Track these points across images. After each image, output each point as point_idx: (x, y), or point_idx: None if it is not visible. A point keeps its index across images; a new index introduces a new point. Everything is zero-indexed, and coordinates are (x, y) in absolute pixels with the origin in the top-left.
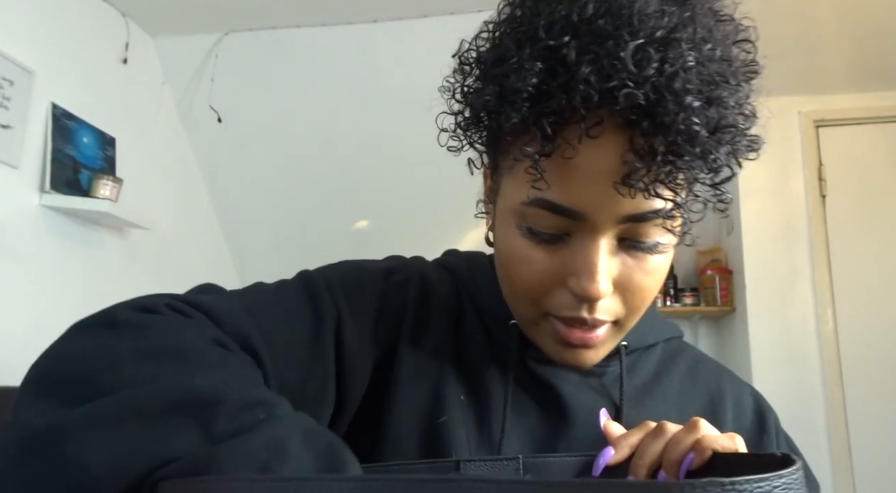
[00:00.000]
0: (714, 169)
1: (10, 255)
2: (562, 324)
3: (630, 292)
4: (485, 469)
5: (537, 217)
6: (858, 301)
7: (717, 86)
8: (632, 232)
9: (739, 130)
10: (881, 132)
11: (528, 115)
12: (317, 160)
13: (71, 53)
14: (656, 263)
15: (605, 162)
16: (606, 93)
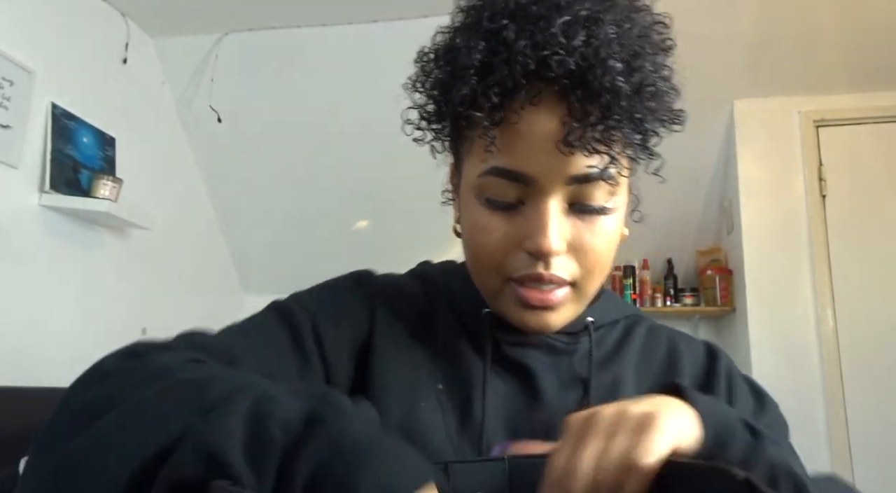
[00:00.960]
0: (641, 130)
1: (10, 255)
2: (522, 287)
3: (583, 252)
4: (472, 470)
5: (493, 186)
6: (858, 301)
7: (637, 55)
8: (579, 195)
9: (660, 91)
10: (881, 132)
11: (476, 87)
12: (317, 160)
13: (71, 53)
14: (605, 225)
15: (547, 127)
16: (542, 62)
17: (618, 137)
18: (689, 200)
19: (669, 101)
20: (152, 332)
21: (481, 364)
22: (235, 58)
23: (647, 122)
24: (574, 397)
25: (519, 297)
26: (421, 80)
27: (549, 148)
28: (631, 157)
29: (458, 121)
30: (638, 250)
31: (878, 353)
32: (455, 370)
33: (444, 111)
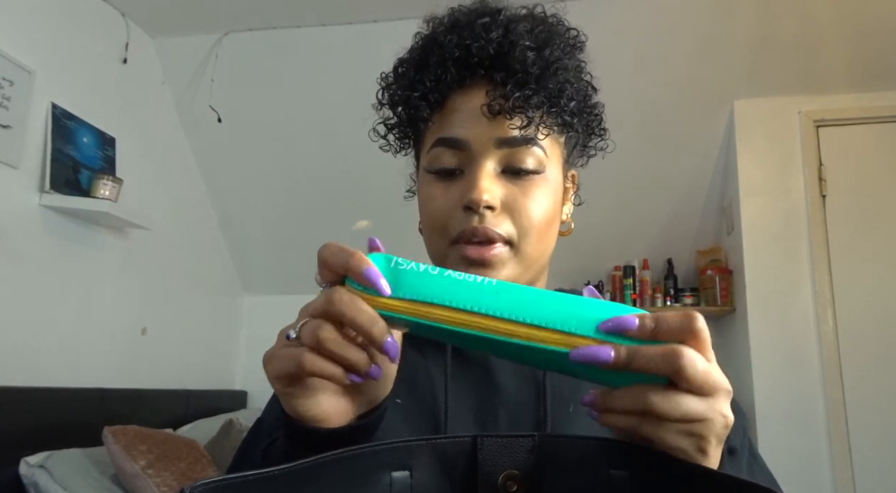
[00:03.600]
0: (555, 102)
1: (10, 255)
2: (462, 245)
3: (516, 211)
4: (501, 445)
5: (437, 157)
6: (858, 301)
7: (546, 43)
8: (510, 159)
9: (567, 70)
10: (881, 132)
11: (414, 78)
12: (317, 160)
13: (71, 53)
14: (536, 189)
15: (475, 101)
16: (466, 50)
17: (534, 104)
18: (689, 200)
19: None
20: (152, 332)
21: (438, 370)
22: (235, 58)
23: (560, 96)
24: (530, 393)
25: (460, 256)
26: (382, 96)
27: (477, 116)
28: (551, 127)
29: (413, 124)
30: (638, 250)
31: (878, 353)
32: (415, 380)
33: (402, 119)
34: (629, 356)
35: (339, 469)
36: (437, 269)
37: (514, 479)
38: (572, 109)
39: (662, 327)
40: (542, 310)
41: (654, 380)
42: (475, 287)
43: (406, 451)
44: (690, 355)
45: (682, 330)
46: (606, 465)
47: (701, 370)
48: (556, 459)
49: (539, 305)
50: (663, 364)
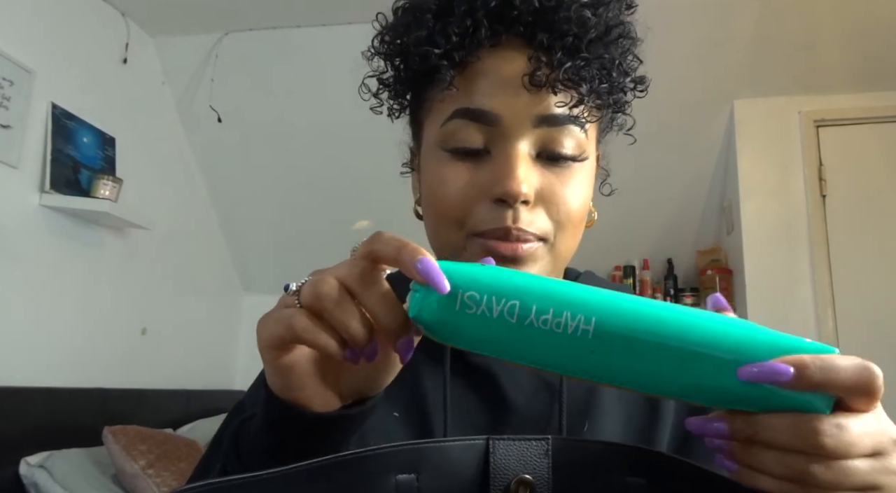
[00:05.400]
0: (609, 75)
1: (10, 255)
2: (489, 240)
3: (553, 204)
4: (514, 448)
5: (457, 132)
6: (858, 301)
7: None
8: (548, 141)
9: (627, 34)
10: (881, 132)
11: (433, 28)
12: (317, 160)
13: (71, 53)
14: (576, 177)
15: (512, 66)
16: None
17: (585, 78)
18: (689, 200)
19: (634, 61)
20: (152, 332)
21: (441, 379)
22: (235, 58)
23: (615, 68)
24: (544, 404)
25: (486, 249)
26: (378, 44)
27: (515, 86)
28: (600, 106)
29: (417, 83)
30: (638, 250)
31: (879, 353)
32: (412, 391)
33: (402, 76)
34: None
35: (340, 473)
36: (514, 312)
37: (526, 484)
38: (623, 85)
39: (827, 380)
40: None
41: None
42: (563, 341)
43: (413, 454)
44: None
45: (855, 387)
46: (623, 471)
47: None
48: (571, 464)
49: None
50: (795, 440)
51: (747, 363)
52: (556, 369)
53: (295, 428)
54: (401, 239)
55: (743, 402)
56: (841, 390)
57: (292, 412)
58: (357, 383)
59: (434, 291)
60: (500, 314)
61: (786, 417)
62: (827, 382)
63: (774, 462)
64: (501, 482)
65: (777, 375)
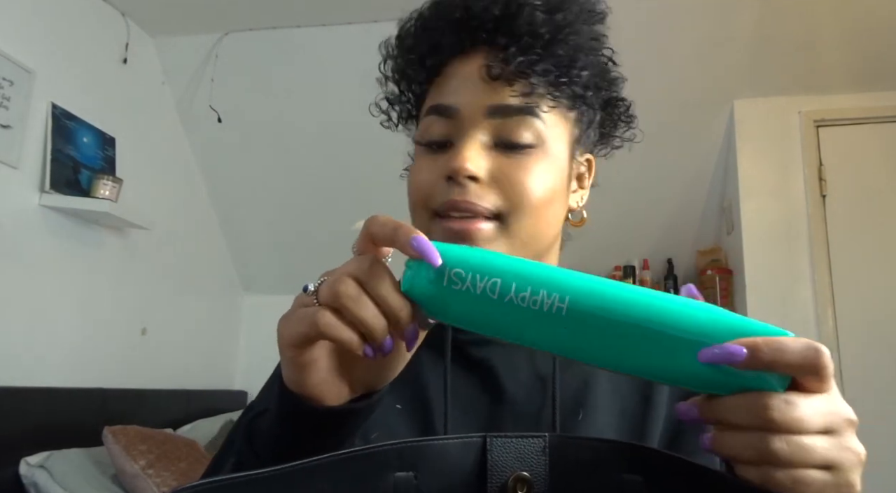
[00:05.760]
0: (564, 72)
1: (10, 255)
2: (445, 219)
3: (506, 183)
4: (511, 446)
5: (429, 126)
6: (858, 301)
7: (560, 6)
8: (502, 130)
9: (581, 37)
10: (881, 132)
11: (413, 42)
12: (317, 160)
13: (71, 53)
14: (530, 162)
15: (474, 66)
16: (468, 10)
17: (538, 71)
18: (689, 200)
19: (600, 61)
20: (152, 332)
21: (442, 372)
22: (235, 58)
23: (571, 65)
24: (539, 397)
25: (443, 229)
26: (384, 67)
27: (474, 81)
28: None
29: (412, 93)
30: (638, 250)
31: (878, 353)
32: (416, 386)
33: (403, 90)
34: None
35: (339, 471)
36: (496, 285)
37: (523, 481)
38: (585, 80)
39: (780, 360)
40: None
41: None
42: (538, 318)
43: (411, 451)
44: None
45: (808, 365)
46: (619, 469)
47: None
48: (568, 461)
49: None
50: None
51: (707, 345)
52: (533, 344)
53: (307, 422)
54: (395, 221)
55: (709, 384)
56: (790, 368)
57: (305, 406)
58: (366, 377)
59: (424, 267)
60: (482, 291)
61: (741, 396)
62: (777, 361)
63: (739, 443)
64: (499, 480)
65: (732, 355)
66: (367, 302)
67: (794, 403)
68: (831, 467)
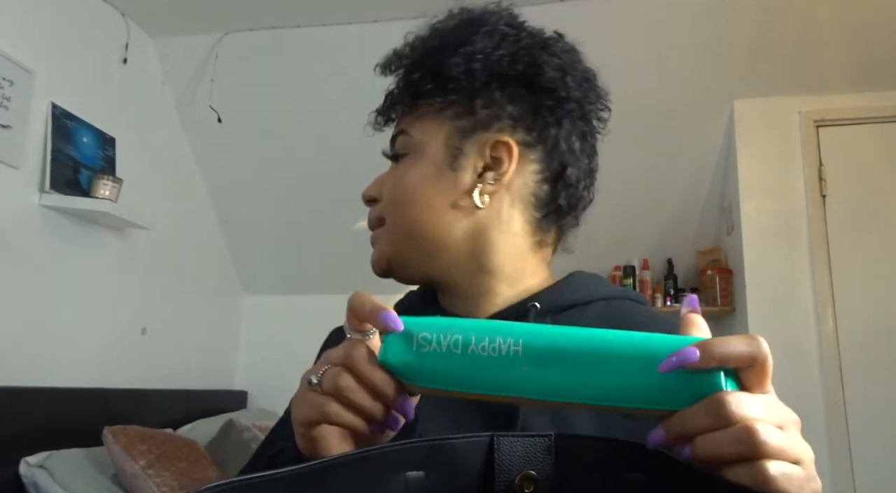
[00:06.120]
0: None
1: (10, 255)
2: None
3: (384, 192)
4: (517, 445)
5: None
6: (858, 301)
7: (423, 44)
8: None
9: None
10: (881, 132)
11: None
12: (317, 160)
13: (71, 53)
14: (402, 166)
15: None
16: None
17: (395, 103)
18: (689, 200)
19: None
20: (152, 332)
21: None
22: (235, 58)
23: (414, 80)
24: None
25: None
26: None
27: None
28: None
29: None
30: (638, 250)
31: (878, 353)
32: None
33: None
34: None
35: (352, 471)
36: (458, 342)
37: (530, 480)
38: (429, 84)
39: (725, 354)
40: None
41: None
42: (498, 364)
43: (421, 451)
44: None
45: (747, 358)
46: (623, 467)
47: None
48: (573, 460)
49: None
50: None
51: (657, 359)
52: (500, 390)
53: None
54: (371, 300)
55: (667, 398)
56: (737, 360)
57: None
58: (371, 439)
59: (397, 338)
60: (448, 348)
61: (700, 403)
62: (725, 354)
63: (725, 439)
64: (506, 478)
65: (687, 357)
66: (364, 395)
67: (746, 399)
68: (800, 461)
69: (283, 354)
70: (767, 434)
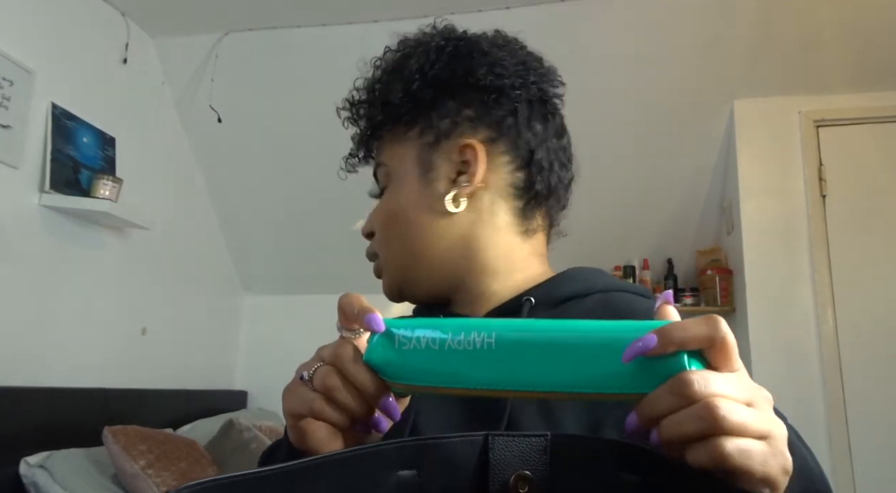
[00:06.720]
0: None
1: (11, 255)
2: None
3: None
4: (513, 445)
5: None
6: (858, 301)
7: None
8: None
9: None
10: (881, 132)
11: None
12: (317, 160)
13: (71, 53)
14: (383, 201)
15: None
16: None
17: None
18: (689, 200)
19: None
20: (152, 332)
21: None
22: (235, 58)
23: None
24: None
25: None
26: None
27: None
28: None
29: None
30: (638, 250)
31: (878, 353)
32: None
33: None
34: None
35: (342, 470)
36: (436, 341)
37: (525, 480)
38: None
39: (684, 338)
40: (545, 372)
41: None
42: (473, 357)
43: (413, 450)
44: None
45: (706, 339)
46: (618, 468)
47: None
48: (568, 460)
49: (541, 365)
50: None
51: (623, 343)
52: (476, 384)
53: None
54: (358, 301)
55: (636, 383)
56: (696, 341)
57: None
58: (359, 437)
59: (380, 337)
60: (426, 345)
61: (665, 384)
62: (683, 338)
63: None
64: (500, 478)
65: (647, 343)
66: (350, 396)
67: (710, 377)
68: (767, 437)
69: (283, 354)
70: (728, 410)
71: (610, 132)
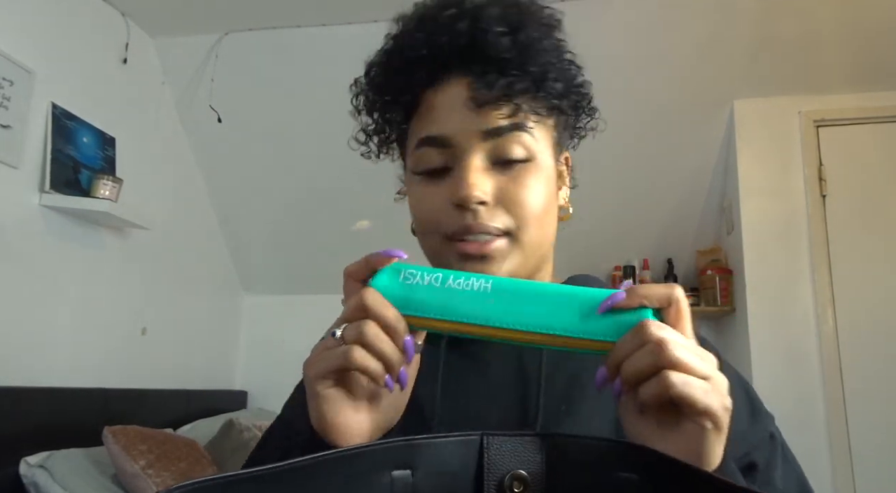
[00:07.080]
0: (539, 85)
1: (11, 255)
2: (458, 242)
3: (512, 203)
4: (509, 444)
5: (423, 157)
6: (858, 301)
7: (520, 25)
8: (498, 150)
9: (547, 51)
10: (881, 132)
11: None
12: (317, 160)
13: (71, 53)
14: (528, 177)
15: (457, 94)
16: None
17: (519, 90)
18: (689, 200)
19: (567, 67)
20: (152, 332)
21: (437, 364)
22: (235, 58)
23: (545, 78)
24: (528, 390)
25: (458, 251)
26: (357, 102)
27: (460, 110)
28: (539, 112)
29: (392, 127)
30: (638, 250)
31: (878, 353)
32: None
33: (380, 124)
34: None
35: (336, 469)
36: (439, 278)
37: (520, 479)
38: (559, 90)
39: (647, 293)
40: (534, 314)
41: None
42: (471, 297)
43: (407, 449)
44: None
45: (664, 297)
46: (615, 468)
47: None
48: (565, 460)
49: (531, 308)
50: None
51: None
52: (468, 318)
53: None
54: (360, 260)
55: (608, 331)
56: (657, 299)
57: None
58: (378, 418)
59: (387, 271)
60: (430, 283)
61: (629, 333)
62: (647, 293)
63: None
64: (496, 478)
65: (617, 297)
66: (385, 339)
67: (664, 326)
68: (708, 378)
69: (283, 354)
70: (675, 346)
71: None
